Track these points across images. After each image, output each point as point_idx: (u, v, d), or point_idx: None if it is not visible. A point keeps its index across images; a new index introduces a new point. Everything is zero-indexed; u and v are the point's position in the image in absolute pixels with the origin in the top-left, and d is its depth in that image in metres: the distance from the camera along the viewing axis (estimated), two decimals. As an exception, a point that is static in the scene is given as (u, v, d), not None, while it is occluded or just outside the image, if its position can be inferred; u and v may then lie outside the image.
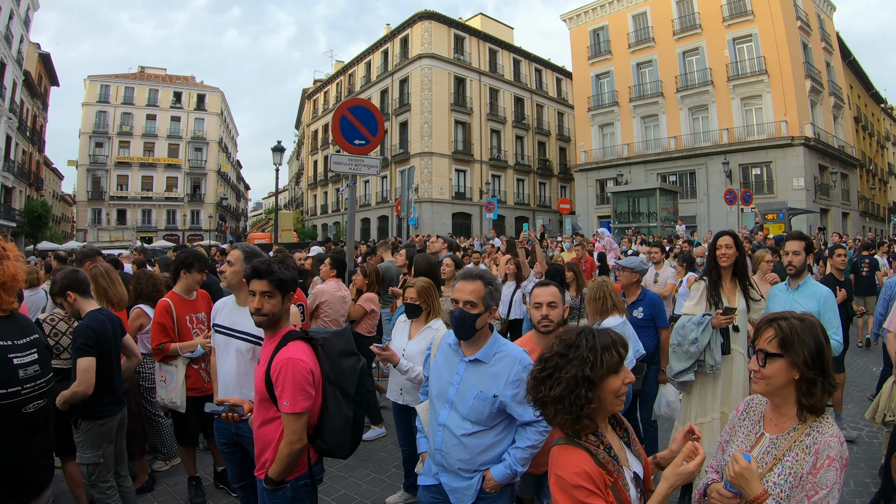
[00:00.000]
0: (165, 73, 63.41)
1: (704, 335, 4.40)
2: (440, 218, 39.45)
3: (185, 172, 60.24)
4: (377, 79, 46.26)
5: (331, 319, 6.44)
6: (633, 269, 5.64)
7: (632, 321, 5.28)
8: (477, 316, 3.03)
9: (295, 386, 2.82)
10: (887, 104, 57.13)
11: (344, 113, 7.64)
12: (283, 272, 3.06)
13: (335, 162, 7.69)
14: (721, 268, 4.68)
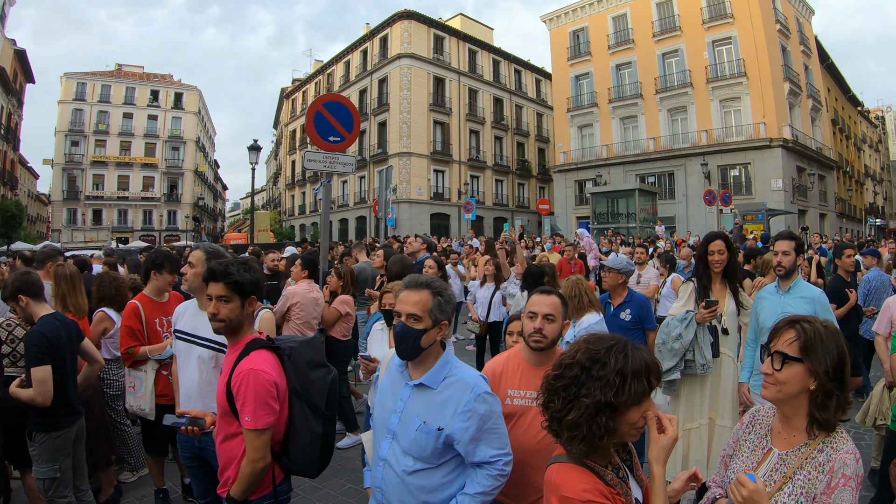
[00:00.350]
0: (143, 71, 62.24)
1: (688, 331, 4.35)
2: (418, 218, 39.01)
3: (161, 172, 58.98)
4: (356, 78, 45.72)
5: (303, 322, 6.19)
6: (620, 270, 5.45)
7: (619, 323, 5.25)
8: (422, 332, 2.52)
9: (257, 400, 2.61)
10: (864, 107, 57.58)
11: (319, 108, 7.32)
12: (241, 274, 2.83)
13: (309, 159, 7.36)
14: (712, 272, 4.63)
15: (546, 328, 3.01)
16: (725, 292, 4.64)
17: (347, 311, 6.73)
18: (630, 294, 5.51)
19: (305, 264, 6.64)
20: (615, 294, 5.52)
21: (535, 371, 2.98)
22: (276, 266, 9.08)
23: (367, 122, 43.05)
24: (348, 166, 7.81)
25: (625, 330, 5.19)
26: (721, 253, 4.57)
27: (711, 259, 4.59)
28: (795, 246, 4.35)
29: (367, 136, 43.27)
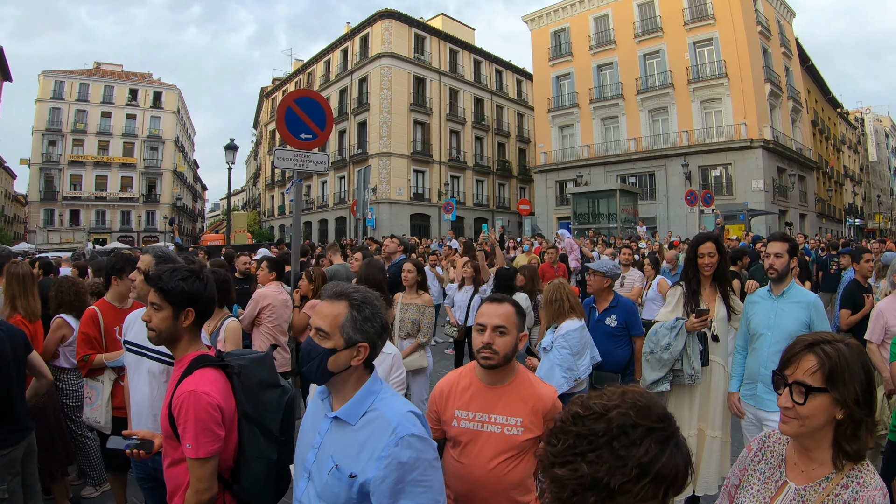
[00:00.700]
0: (122, 69, 61.09)
1: (678, 340, 4.17)
2: (398, 219, 38.55)
3: (140, 172, 57.86)
4: (336, 78, 45.13)
5: (275, 326, 5.99)
6: (606, 274, 5.16)
7: (604, 330, 5.04)
8: (329, 352, 2.00)
9: (198, 426, 2.32)
10: (843, 109, 57.97)
11: (290, 104, 6.87)
12: (172, 282, 2.53)
13: (279, 157, 6.96)
14: (703, 276, 4.43)
15: (497, 342, 2.60)
16: (715, 296, 4.45)
17: None
18: (616, 298, 5.22)
19: (272, 266, 6.36)
20: (600, 298, 5.24)
21: (488, 391, 2.69)
22: (248, 269, 8.86)
23: (347, 122, 42.59)
24: (321, 165, 7.42)
25: (610, 336, 5.00)
26: (711, 255, 4.36)
27: (701, 262, 4.38)
28: (789, 248, 4.05)
29: (347, 136, 42.78)
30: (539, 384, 2.78)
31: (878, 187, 69.84)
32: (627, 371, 5.00)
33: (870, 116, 69.06)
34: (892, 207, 66.10)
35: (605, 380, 4.77)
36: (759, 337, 4.03)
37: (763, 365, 3.90)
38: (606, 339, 5.00)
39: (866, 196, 63.24)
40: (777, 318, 3.96)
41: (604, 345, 4.97)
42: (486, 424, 2.63)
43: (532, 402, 2.65)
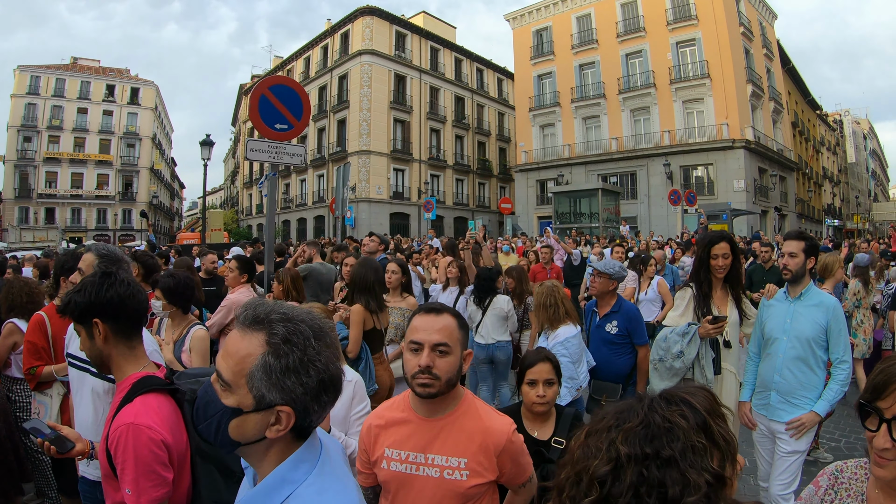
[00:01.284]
0: (99, 64, 59.53)
1: (691, 347, 3.84)
2: (378, 218, 37.90)
3: (116, 169, 56.34)
4: (316, 75, 44.31)
5: None
6: (612, 276, 4.78)
7: (604, 336, 4.73)
8: (231, 412, 1.31)
9: (138, 467, 1.84)
10: (822, 111, 58.36)
11: (264, 92, 6.47)
12: (66, 297, 2.15)
13: (251, 149, 6.52)
14: (714, 278, 4.12)
15: (438, 364, 2.01)
16: (727, 299, 4.15)
17: None
18: (619, 303, 4.83)
19: (243, 266, 5.70)
20: (603, 302, 4.87)
21: (424, 425, 2.12)
22: (216, 269, 8.26)
23: (327, 120, 41.93)
24: (297, 157, 7.02)
25: (609, 344, 4.69)
26: (726, 257, 4.04)
27: (714, 264, 4.06)
28: (805, 247, 3.75)
29: (327, 133, 42.10)
30: (490, 415, 2.18)
31: (857, 188, 70.30)
32: (629, 382, 4.66)
33: (848, 119, 69.46)
34: (870, 208, 66.53)
35: (603, 390, 4.58)
36: (774, 342, 3.77)
37: (777, 372, 3.70)
38: (606, 347, 4.70)
39: (845, 197, 63.63)
40: (793, 321, 3.70)
41: (603, 352, 4.69)
42: (421, 467, 2.07)
43: (480, 438, 2.08)
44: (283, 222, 45.82)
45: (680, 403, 1.09)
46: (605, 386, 4.59)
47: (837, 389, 3.58)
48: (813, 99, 53.06)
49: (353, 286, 4.99)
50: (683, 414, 1.06)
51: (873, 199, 78.40)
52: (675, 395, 1.12)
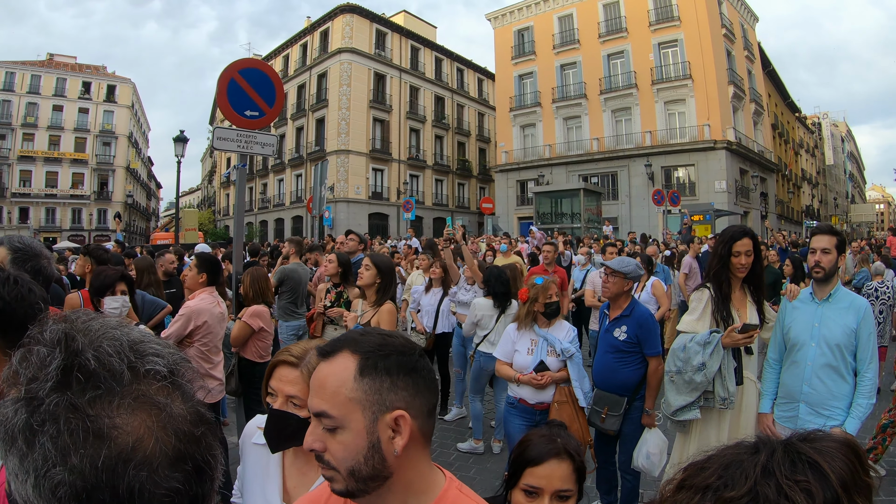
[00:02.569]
0: (75, 61, 57.76)
1: (714, 359, 3.47)
2: (356, 218, 36.90)
3: (91, 168, 54.61)
4: (295, 73, 43.34)
5: (209, 348, 4.72)
6: (627, 275, 4.30)
7: (611, 342, 4.25)
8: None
9: None
10: (801, 114, 58.41)
11: (233, 76, 5.98)
12: None
13: (219, 137, 6.08)
14: (734, 277, 3.71)
15: (329, 447, 1.15)
16: (746, 301, 3.76)
17: (262, 327, 5.23)
18: (631, 306, 4.31)
19: (202, 265, 4.87)
20: (615, 305, 4.39)
21: None
22: (174, 270, 7.64)
23: (305, 119, 41.01)
24: (268, 147, 6.51)
25: (616, 351, 4.19)
26: (749, 255, 3.63)
27: (736, 262, 3.62)
28: (837, 242, 3.43)
29: (305, 132, 41.16)
30: None
31: (834, 190, 70.56)
32: (637, 395, 4.15)
33: (827, 121, 69.75)
34: (848, 210, 66.87)
35: (606, 402, 4.13)
36: (801, 348, 3.44)
37: (806, 381, 3.37)
38: (612, 354, 4.22)
39: (823, 199, 63.81)
40: (822, 325, 3.36)
41: (608, 360, 4.23)
42: None
43: None
44: (260, 222, 44.86)
45: (807, 470, 0.75)
46: (608, 398, 4.13)
47: (866, 404, 3.25)
48: (792, 101, 53.14)
49: (383, 282, 4.67)
50: (809, 489, 0.73)
51: (851, 200, 78.96)
52: (804, 453, 0.77)
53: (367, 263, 4.71)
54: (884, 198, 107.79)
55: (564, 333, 4.31)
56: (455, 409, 7.22)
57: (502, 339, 4.52)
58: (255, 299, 5.35)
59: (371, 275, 4.67)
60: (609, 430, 4.10)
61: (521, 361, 4.29)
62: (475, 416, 6.14)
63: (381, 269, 4.67)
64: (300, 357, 1.82)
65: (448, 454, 6.06)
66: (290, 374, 1.81)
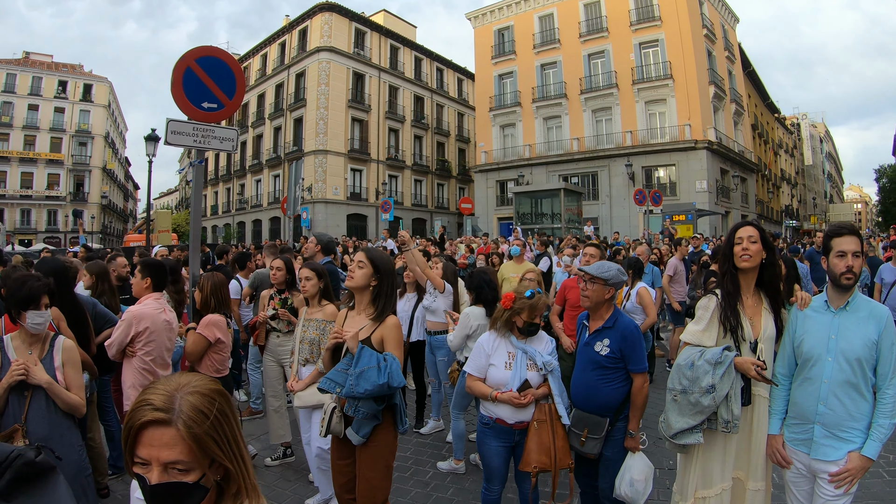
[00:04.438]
0: (52, 59, 56.29)
1: (724, 381, 3.00)
2: (334, 219, 36.15)
3: (67, 169, 53.11)
4: (273, 72, 42.35)
5: (154, 358, 4.22)
6: (608, 281, 3.78)
7: (592, 357, 3.73)
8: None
9: None
10: (780, 114, 58.66)
11: (190, 64, 5.51)
12: None
13: (172, 131, 5.46)
14: (740, 272, 3.22)
15: None
16: (761, 308, 3.24)
17: (219, 338, 4.76)
18: (614, 317, 3.78)
19: (146, 270, 4.42)
20: (596, 315, 3.85)
21: None
22: (128, 274, 6.86)
23: (283, 118, 40.00)
24: (228, 142, 5.90)
25: (598, 368, 3.68)
26: (753, 241, 3.15)
27: (738, 250, 3.18)
28: (862, 244, 2.98)
29: (283, 132, 40.14)
30: None
31: (813, 190, 71.03)
32: (620, 415, 3.66)
33: (806, 122, 70.09)
34: (826, 209, 67.32)
35: (586, 423, 3.65)
36: (816, 363, 2.98)
37: (822, 401, 2.93)
38: (593, 371, 3.70)
39: (802, 199, 64.17)
40: (840, 337, 2.92)
41: (588, 377, 3.72)
42: None
43: None
44: (238, 224, 43.91)
45: None
46: (588, 419, 3.64)
47: (888, 425, 2.82)
48: (772, 102, 53.26)
49: (381, 284, 3.71)
50: None
51: (829, 200, 79.71)
52: None
53: (362, 260, 3.66)
54: (861, 197, 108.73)
55: (544, 345, 3.85)
56: (432, 422, 6.70)
57: (474, 351, 3.93)
58: (218, 309, 4.90)
59: (364, 274, 3.62)
60: (589, 454, 3.64)
61: (497, 377, 3.74)
62: (457, 434, 5.57)
63: (380, 269, 3.64)
64: (168, 408, 1.23)
65: (424, 472, 5.53)
66: (164, 434, 1.24)
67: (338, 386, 3.31)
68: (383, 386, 3.20)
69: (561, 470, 3.61)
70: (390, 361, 3.30)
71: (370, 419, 3.37)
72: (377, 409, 3.34)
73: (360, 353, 3.27)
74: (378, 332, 3.49)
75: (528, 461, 3.56)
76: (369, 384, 3.19)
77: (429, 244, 19.04)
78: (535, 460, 3.54)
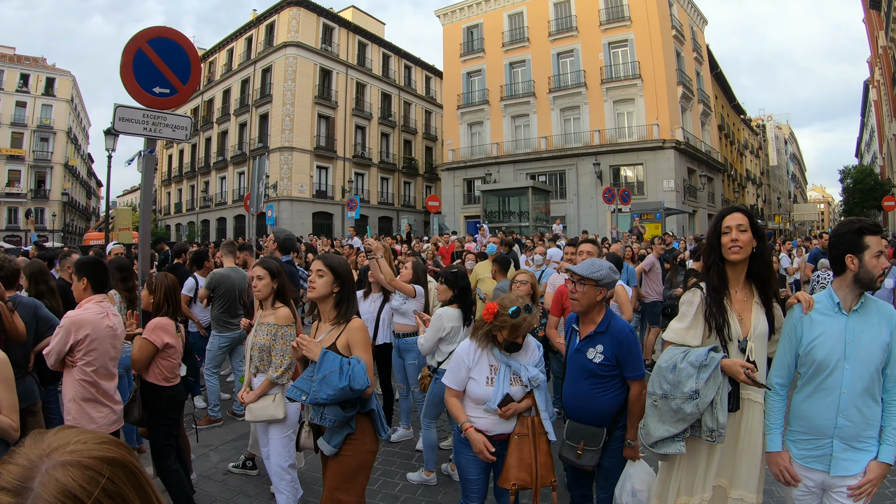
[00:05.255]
0: (14, 52, 54.19)
1: (710, 386, 2.68)
2: (300, 217, 35.17)
3: (28, 165, 51.24)
4: (239, 67, 41.07)
5: (96, 369, 3.68)
6: (599, 282, 3.41)
7: (584, 365, 3.38)
8: None
9: None
10: (746, 116, 59.09)
11: (141, 46, 5.04)
12: None
13: (120, 118, 4.97)
14: (728, 264, 2.85)
15: None
16: (751, 303, 2.87)
17: (167, 343, 4.28)
18: (607, 320, 3.43)
19: (81, 270, 3.87)
20: (586, 319, 3.49)
21: None
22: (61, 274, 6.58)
23: (249, 115, 38.83)
24: (181, 131, 5.39)
25: (591, 377, 3.35)
26: (742, 230, 2.78)
27: (726, 240, 2.80)
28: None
29: (248, 128, 38.97)
30: None
31: (778, 190, 71.88)
32: (617, 424, 3.36)
33: (771, 124, 70.88)
34: (790, 209, 67.99)
35: (582, 435, 3.33)
36: (832, 372, 2.62)
37: (842, 412, 2.58)
38: (586, 380, 3.37)
39: (767, 198, 64.82)
40: (856, 342, 2.58)
41: (582, 387, 3.39)
42: None
43: None
44: (202, 222, 42.70)
45: None
46: (584, 430, 3.35)
47: None
48: (738, 104, 53.57)
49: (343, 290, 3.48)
50: None
51: (793, 200, 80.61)
52: None
53: (320, 268, 3.42)
54: (824, 198, 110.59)
55: (530, 356, 3.51)
56: (401, 430, 6.25)
57: (453, 362, 3.59)
58: (171, 314, 4.45)
59: (326, 283, 3.40)
60: (586, 467, 3.39)
61: (478, 392, 3.40)
62: (428, 444, 5.11)
63: (339, 274, 3.43)
64: (19, 490, 0.78)
65: (393, 484, 5.11)
66: None
67: (303, 394, 3.17)
68: (345, 389, 3.03)
69: (543, 488, 3.34)
70: (353, 364, 3.13)
71: (341, 427, 3.17)
72: (345, 415, 3.13)
73: (323, 358, 3.13)
74: (343, 337, 3.31)
75: (507, 477, 3.29)
76: (331, 388, 3.04)
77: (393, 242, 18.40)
78: (514, 477, 3.27)
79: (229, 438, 6.18)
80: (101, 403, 3.73)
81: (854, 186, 40.90)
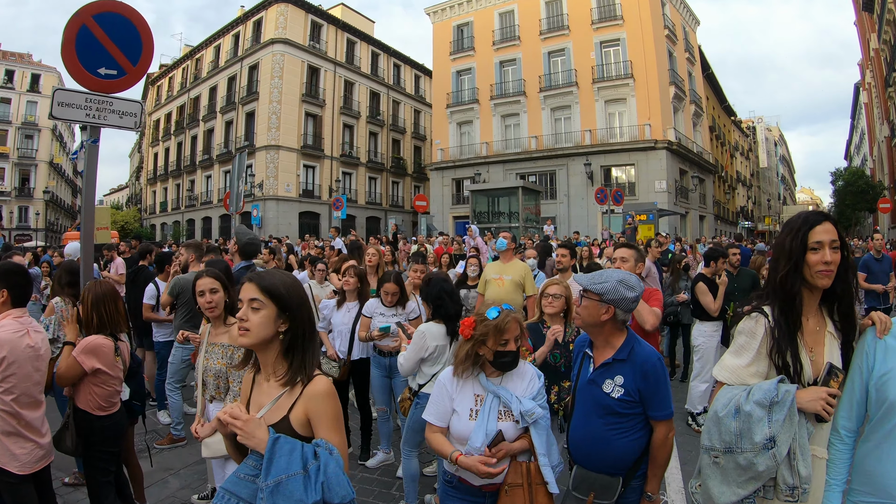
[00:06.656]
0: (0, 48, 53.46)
1: (786, 430, 1.99)
2: (286, 217, 34.22)
3: (13, 162, 49.90)
4: (226, 64, 39.89)
5: (17, 397, 3.02)
6: (603, 297, 2.63)
7: (599, 400, 2.66)
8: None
9: None
10: (737, 117, 58.73)
11: (85, 21, 4.32)
12: None
13: (59, 101, 4.26)
14: (808, 288, 2.12)
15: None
16: (824, 332, 2.14)
17: (98, 368, 3.47)
18: (629, 344, 2.66)
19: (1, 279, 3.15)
20: (600, 341, 2.73)
21: None
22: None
23: (235, 112, 37.69)
24: (129, 117, 4.67)
25: (607, 414, 2.60)
26: (835, 247, 2.03)
27: (817, 261, 2.03)
28: None
29: (234, 126, 37.86)
30: None
31: (767, 192, 71.93)
32: (635, 473, 2.62)
33: (761, 126, 70.73)
34: (780, 211, 67.88)
35: (592, 485, 2.60)
36: None
37: None
38: (600, 418, 2.62)
39: (757, 200, 64.66)
40: None
41: (594, 426, 2.64)
42: None
43: None
44: (187, 221, 41.63)
45: None
46: (595, 479, 2.62)
47: None
48: (729, 105, 53.16)
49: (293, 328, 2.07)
50: None
51: (783, 202, 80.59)
52: None
53: (255, 297, 1.96)
54: (812, 199, 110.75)
55: (525, 385, 2.75)
56: (381, 454, 5.49)
57: (435, 391, 2.85)
58: (101, 329, 3.60)
59: (264, 319, 1.95)
60: None
61: (459, 429, 2.69)
62: (409, 475, 4.39)
63: (287, 303, 1.98)
64: None
65: None
66: None
67: (242, 502, 1.82)
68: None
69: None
70: (324, 460, 1.80)
71: None
72: None
73: (274, 451, 1.77)
74: (300, 407, 1.94)
75: (496, 542, 2.62)
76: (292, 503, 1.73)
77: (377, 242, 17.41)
78: (503, 540, 2.57)
79: (192, 461, 5.34)
80: (24, 437, 3.09)
81: (846, 188, 40.53)
